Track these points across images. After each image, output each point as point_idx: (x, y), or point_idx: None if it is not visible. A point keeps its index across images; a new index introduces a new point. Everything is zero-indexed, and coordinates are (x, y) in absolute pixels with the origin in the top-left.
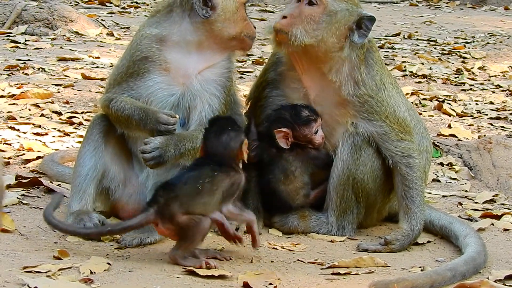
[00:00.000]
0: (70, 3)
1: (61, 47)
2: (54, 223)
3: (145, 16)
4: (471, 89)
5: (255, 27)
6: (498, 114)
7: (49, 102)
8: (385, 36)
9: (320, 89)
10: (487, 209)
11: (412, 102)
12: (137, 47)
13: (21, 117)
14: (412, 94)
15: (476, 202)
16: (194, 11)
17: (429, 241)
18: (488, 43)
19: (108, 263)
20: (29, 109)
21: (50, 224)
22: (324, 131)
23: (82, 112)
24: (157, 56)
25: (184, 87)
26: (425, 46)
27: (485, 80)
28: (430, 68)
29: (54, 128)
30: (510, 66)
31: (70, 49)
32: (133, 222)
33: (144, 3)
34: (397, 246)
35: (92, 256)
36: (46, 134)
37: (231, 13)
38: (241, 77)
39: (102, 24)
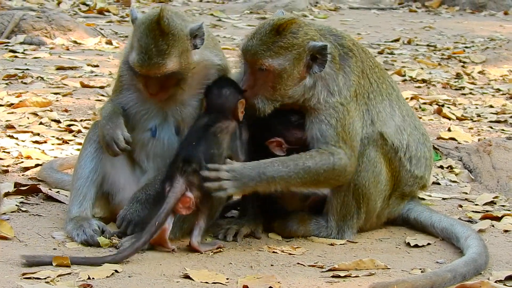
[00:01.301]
0: (69, 12)
1: (59, 56)
2: (109, 260)
3: None
4: (470, 93)
5: (152, 94)
6: (498, 118)
7: (48, 110)
8: (385, 41)
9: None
10: (487, 211)
11: (412, 107)
12: (119, 64)
13: (19, 125)
14: (412, 98)
15: (476, 204)
16: None
17: (429, 243)
18: (487, 47)
19: (107, 269)
20: (28, 118)
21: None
22: None
23: (81, 120)
24: (126, 75)
25: (159, 104)
26: (425, 51)
27: (484, 84)
28: (430, 73)
29: (53, 136)
30: (509, 70)
31: (69, 58)
32: (170, 201)
33: (143, 11)
34: (230, 175)
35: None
36: (45, 142)
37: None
38: None
39: (101, 33)
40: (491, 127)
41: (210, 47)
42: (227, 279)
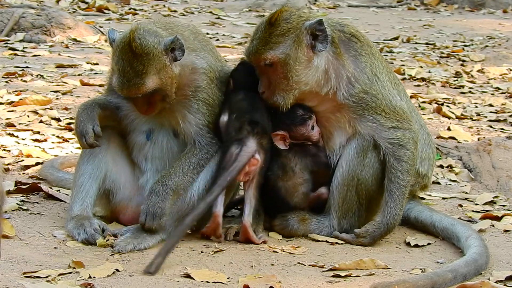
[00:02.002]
0: (68, 10)
1: (59, 54)
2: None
3: None
4: (470, 91)
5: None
6: (498, 116)
7: (48, 108)
8: (384, 39)
9: (317, 103)
10: (487, 211)
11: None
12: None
13: (20, 123)
14: (411, 97)
15: (476, 204)
16: None
17: (429, 243)
18: (487, 46)
19: (108, 268)
20: (28, 116)
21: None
22: (323, 135)
23: None
24: None
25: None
26: (424, 50)
27: (484, 83)
28: (429, 71)
29: (53, 134)
30: (509, 68)
31: (68, 56)
32: (243, 159)
33: (142, 9)
34: (367, 239)
35: (92, 261)
36: (45, 140)
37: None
38: None
39: (100, 31)
40: (491, 126)
41: (197, 50)
42: (227, 278)
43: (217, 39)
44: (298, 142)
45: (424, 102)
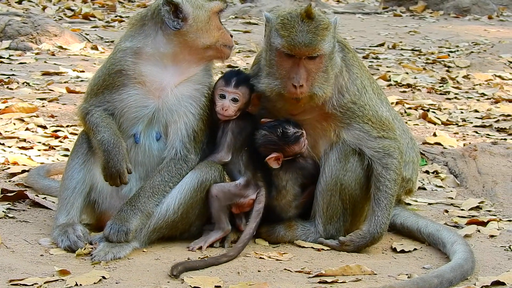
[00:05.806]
0: (54, 17)
1: (45, 62)
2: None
3: None
4: (455, 97)
5: (231, 36)
6: (483, 122)
7: (34, 116)
8: (370, 46)
9: (303, 109)
10: (473, 216)
11: (397, 112)
12: (113, 60)
13: (6, 131)
14: (397, 103)
15: (462, 209)
16: (165, 23)
17: (415, 249)
18: (472, 52)
19: (95, 275)
20: (14, 123)
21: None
22: (308, 143)
23: (67, 126)
24: (131, 69)
25: (159, 101)
26: (410, 56)
27: (469, 89)
28: (415, 78)
29: (39, 142)
30: (494, 74)
31: (55, 64)
32: (261, 210)
33: (128, 17)
34: (351, 248)
35: (78, 268)
36: (31, 148)
37: (203, 22)
38: None
39: (86, 38)
40: (476, 132)
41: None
42: (215, 286)
43: None
44: (289, 159)
45: (410, 108)
